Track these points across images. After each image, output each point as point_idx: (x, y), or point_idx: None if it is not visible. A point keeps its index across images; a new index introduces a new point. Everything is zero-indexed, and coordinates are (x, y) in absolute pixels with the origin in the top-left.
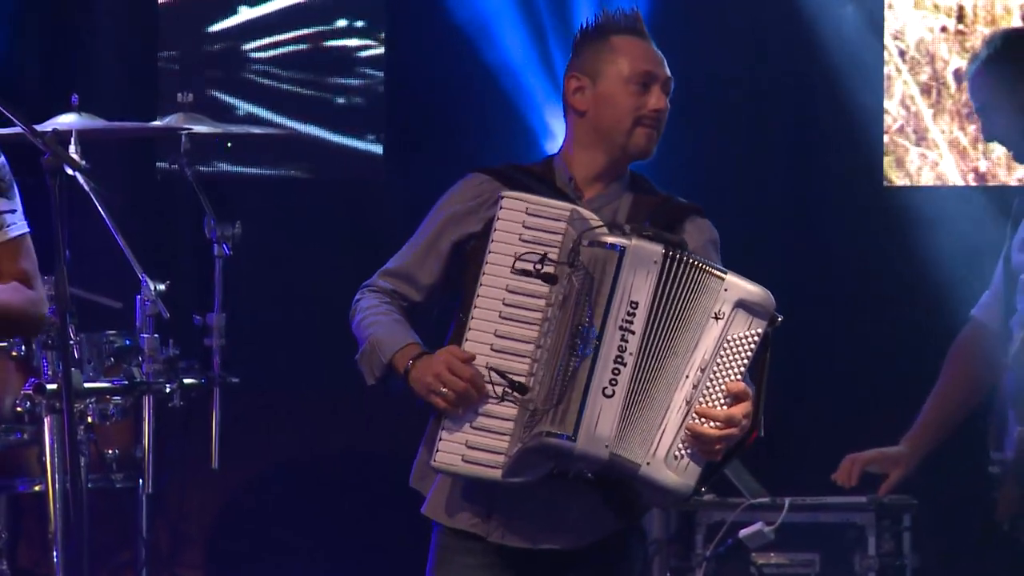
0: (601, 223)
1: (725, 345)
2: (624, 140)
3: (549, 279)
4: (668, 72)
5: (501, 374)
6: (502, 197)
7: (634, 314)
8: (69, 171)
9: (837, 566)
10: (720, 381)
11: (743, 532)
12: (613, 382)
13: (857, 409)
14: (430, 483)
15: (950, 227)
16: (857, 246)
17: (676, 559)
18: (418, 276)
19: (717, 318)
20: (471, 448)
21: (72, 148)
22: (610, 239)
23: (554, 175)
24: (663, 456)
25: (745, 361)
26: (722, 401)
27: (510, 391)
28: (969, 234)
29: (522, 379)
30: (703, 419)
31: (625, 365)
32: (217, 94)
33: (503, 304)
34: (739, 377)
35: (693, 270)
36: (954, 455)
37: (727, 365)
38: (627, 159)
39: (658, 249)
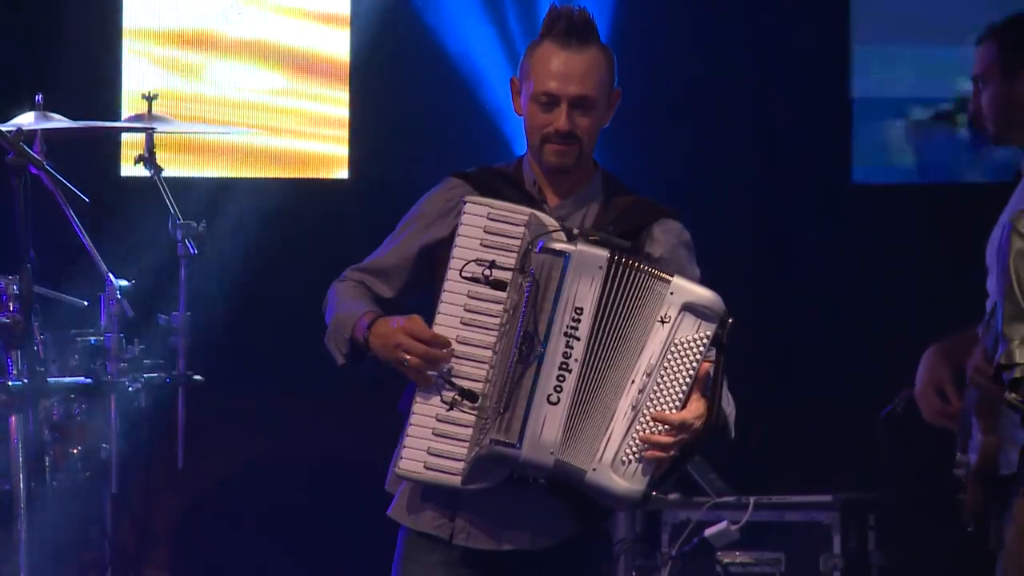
0: (558, 227)
1: (672, 349)
2: (538, 155)
3: (498, 285)
4: (582, 89)
5: (451, 382)
6: (465, 202)
7: (579, 320)
8: (33, 170)
9: (802, 565)
10: (668, 385)
11: (708, 531)
12: (558, 389)
13: (823, 408)
14: (399, 486)
15: (917, 225)
16: (824, 244)
17: (642, 558)
18: (387, 274)
19: (663, 322)
20: (432, 455)
21: (36, 147)
22: (558, 245)
23: (522, 177)
24: (609, 462)
25: (694, 365)
26: (671, 405)
27: (459, 399)
28: (932, 233)
29: (478, 385)
30: (656, 424)
31: (570, 372)
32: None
33: (464, 310)
34: (688, 380)
35: (639, 274)
36: (918, 454)
37: (675, 369)
38: (549, 171)
39: (603, 254)
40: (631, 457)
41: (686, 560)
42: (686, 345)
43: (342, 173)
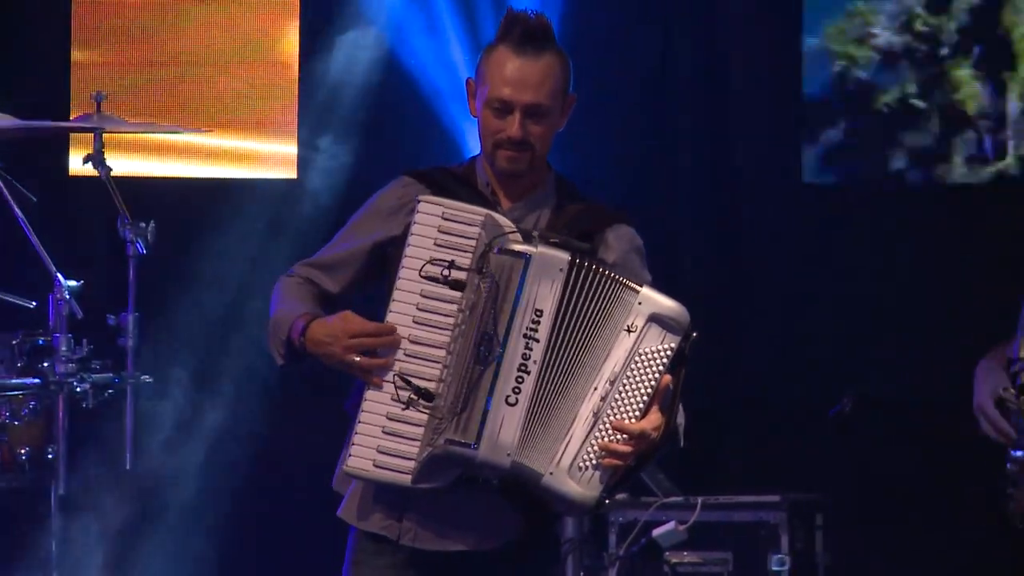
0: (514, 229)
1: (636, 359)
2: (491, 159)
3: (456, 285)
4: (536, 97)
5: (407, 380)
6: (419, 201)
7: (539, 322)
8: None
9: (750, 565)
10: (630, 394)
11: (656, 531)
12: (516, 390)
13: (771, 408)
14: (348, 486)
15: (869, 225)
16: (774, 243)
17: (589, 559)
18: (336, 268)
19: (629, 331)
20: (382, 453)
21: None
22: (517, 246)
23: (476, 178)
24: (567, 467)
25: (656, 375)
26: (631, 414)
27: (416, 398)
28: (885, 233)
29: (431, 385)
30: (615, 432)
31: (529, 373)
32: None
33: (417, 309)
34: (650, 391)
35: (605, 280)
36: (866, 455)
37: (638, 379)
38: (501, 175)
39: (564, 257)
40: (588, 464)
41: (634, 560)
42: (650, 356)
43: (290, 173)
